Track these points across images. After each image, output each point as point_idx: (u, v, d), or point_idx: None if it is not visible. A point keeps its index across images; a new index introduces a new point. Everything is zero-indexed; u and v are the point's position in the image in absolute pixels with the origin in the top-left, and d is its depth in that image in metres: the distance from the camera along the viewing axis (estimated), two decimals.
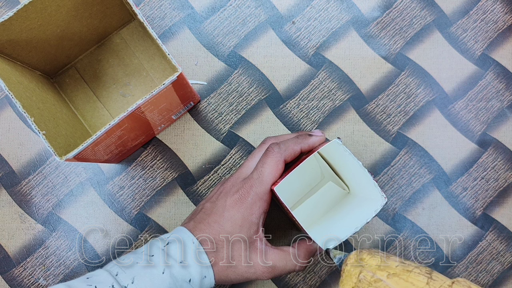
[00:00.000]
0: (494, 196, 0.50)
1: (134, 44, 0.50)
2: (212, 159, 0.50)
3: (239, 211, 0.39)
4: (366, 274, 0.32)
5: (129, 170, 0.50)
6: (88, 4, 0.42)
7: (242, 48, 0.52)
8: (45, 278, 0.49)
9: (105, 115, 0.50)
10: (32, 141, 0.51)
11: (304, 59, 0.51)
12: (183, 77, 0.39)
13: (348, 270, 0.34)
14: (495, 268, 0.49)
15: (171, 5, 0.52)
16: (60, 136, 0.39)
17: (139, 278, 0.36)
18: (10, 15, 0.36)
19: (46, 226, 0.50)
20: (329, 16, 0.52)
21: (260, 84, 0.51)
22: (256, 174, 0.40)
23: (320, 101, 0.51)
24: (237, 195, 0.40)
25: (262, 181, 0.39)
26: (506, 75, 0.51)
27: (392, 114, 0.51)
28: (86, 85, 0.50)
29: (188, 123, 0.51)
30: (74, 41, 0.46)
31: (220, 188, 0.42)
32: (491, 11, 0.52)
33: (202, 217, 0.40)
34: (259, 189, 0.39)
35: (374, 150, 0.50)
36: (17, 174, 0.50)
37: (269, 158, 0.40)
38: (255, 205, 0.39)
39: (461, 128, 0.50)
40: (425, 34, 0.52)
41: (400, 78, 0.51)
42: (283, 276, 0.49)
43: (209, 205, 0.41)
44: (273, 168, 0.40)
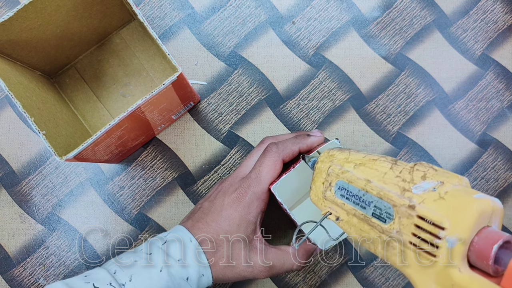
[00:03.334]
0: (494, 196, 0.50)
1: (134, 44, 0.50)
2: (212, 159, 0.50)
3: (236, 210, 0.39)
4: (335, 167, 0.33)
5: (129, 170, 0.50)
6: (88, 4, 0.42)
7: (242, 48, 0.52)
8: (45, 278, 0.49)
9: (105, 115, 0.50)
10: (32, 141, 0.51)
11: (304, 59, 0.51)
12: (183, 77, 0.39)
13: (319, 167, 0.35)
14: None
15: (171, 5, 0.52)
16: (60, 136, 0.39)
17: (137, 276, 0.36)
18: (10, 15, 0.36)
19: (46, 226, 0.50)
20: (329, 16, 0.52)
21: (260, 84, 0.51)
22: (254, 173, 0.40)
23: (320, 101, 0.51)
24: (235, 194, 0.40)
25: (260, 180, 0.40)
26: (506, 75, 0.51)
27: (392, 114, 0.51)
28: (86, 85, 0.50)
29: (188, 123, 0.51)
30: (74, 41, 0.46)
31: (218, 188, 0.42)
32: (491, 11, 0.52)
33: (200, 216, 0.41)
34: (257, 188, 0.40)
35: (374, 150, 0.50)
36: (17, 174, 0.50)
37: (267, 158, 0.40)
38: (253, 204, 0.40)
39: (461, 128, 0.50)
40: (425, 34, 0.52)
41: (400, 78, 0.51)
42: (280, 275, 0.49)
43: (207, 204, 0.41)
44: (271, 168, 0.40)
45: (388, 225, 0.28)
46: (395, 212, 0.28)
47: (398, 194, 0.28)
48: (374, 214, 0.29)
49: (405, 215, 0.27)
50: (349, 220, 0.32)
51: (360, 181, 0.30)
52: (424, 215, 0.25)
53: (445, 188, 0.26)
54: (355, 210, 0.31)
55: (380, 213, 0.29)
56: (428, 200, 0.26)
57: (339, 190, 0.33)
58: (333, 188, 0.33)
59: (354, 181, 0.31)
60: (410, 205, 0.26)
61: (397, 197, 0.27)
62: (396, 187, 0.28)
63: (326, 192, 0.34)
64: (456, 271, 0.24)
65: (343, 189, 0.32)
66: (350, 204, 0.31)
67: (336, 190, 0.33)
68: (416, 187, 0.27)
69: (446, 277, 0.24)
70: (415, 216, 0.26)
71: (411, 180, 0.28)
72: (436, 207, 0.25)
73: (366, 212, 0.30)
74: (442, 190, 0.26)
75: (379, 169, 0.30)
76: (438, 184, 0.26)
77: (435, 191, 0.26)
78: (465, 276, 0.24)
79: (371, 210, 0.30)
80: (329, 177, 0.34)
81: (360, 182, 0.30)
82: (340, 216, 0.33)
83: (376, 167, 0.30)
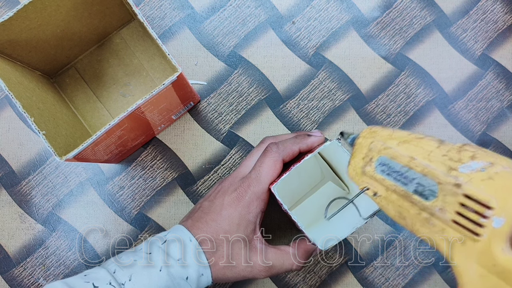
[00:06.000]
0: None
1: (134, 44, 0.50)
2: (212, 159, 0.50)
3: (236, 210, 0.39)
4: (377, 143, 0.33)
5: (129, 170, 0.50)
6: (88, 4, 0.42)
7: (242, 48, 0.52)
8: (45, 278, 0.49)
9: (105, 115, 0.50)
10: (32, 141, 0.51)
11: (304, 59, 0.51)
12: (183, 77, 0.39)
13: (359, 142, 0.35)
14: None
15: (171, 5, 0.52)
16: (60, 136, 0.39)
17: (136, 275, 0.36)
18: (10, 15, 0.36)
19: (46, 226, 0.50)
20: (329, 16, 0.52)
21: (260, 84, 0.51)
22: (254, 173, 0.40)
23: (320, 101, 0.51)
24: (235, 194, 0.40)
25: (260, 180, 0.40)
26: (506, 75, 0.51)
27: (392, 114, 0.51)
28: (86, 85, 0.50)
29: (188, 123, 0.51)
30: (74, 41, 0.46)
31: (218, 187, 0.42)
32: (491, 11, 0.52)
33: (200, 216, 0.41)
34: (257, 188, 0.40)
35: None
36: (17, 174, 0.50)
37: (267, 158, 0.40)
38: (253, 204, 0.40)
39: (461, 128, 0.50)
40: (425, 34, 0.52)
41: (400, 78, 0.51)
42: (280, 275, 0.49)
43: (207, 203, 0.41)
44: (271, 168, 0.40)
45: (431, 203, 0.28)
46: (439, 189, 0.27)
47: (444, 172, 0.27)
48: (416, 191, 0.29)
49: (450, 193, 0.27)
50: (387, 196, 0.31)
51: (404, 158, 0.30)
52: (471, 194, 0.25)
53: (495, 169, 0.25)
54: (396, 186, 0.31)
55: (422, 190, 0.29)
56: (475, 179, 0.26)
57: (380, 166, 0.32)
58: (373, 164, 0.33)
59: (397, 157, 0.31)
60: (456, 183, 0.26)
61: (442, 175, 0.27)
62: (442, 165, 0.28)
63: (365, 167, 0.33)
64: (500, 251, 0.24)
65: (385, 165, 0.32)
66: (390, 180, 0.31)
67: (376, 165, 0.32)
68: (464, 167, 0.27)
69: (488, 257, 0.24)
70: (461, 195, 0.26)
71: (458, 160, 0.27)
72: (484, 187, 0.25)
73: (408, 189, 0.30)
74: (492, 170, 0.25)
75: (425, 147, 0.30)
76: (487, 165, 0.26)
77: (484, 171, 0.26)
78: (508, 257, 0.24)
79: (413, 187, 0.29)
80: (370, 152, 0.33)
81: (403, 159, 0.30)
82: (378, 191, 0.32)
83: (422, 145, 0.30)
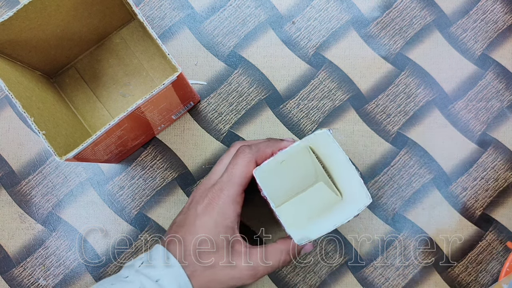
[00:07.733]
0: (494, 196, 0.50)
1: (134, 44, 0.50)
2: (212, 159, 0.50)
3: (211, 217, 0.38)
4: None
5: (129, 170, 0.50)
6: (88, 4, 0.42)
7: (242, 48, 0.52)
8: (45, 278, 0.49)
9: (105, 115, 0.50)
10: (32, 141, 0.51)
11: (304, 59, 0.51)
12: (183, 77, 0.39)
13: None
14: (495, 268, 0.49)
15: (171, 5, 0.52)
16: (60, 136, 0.39)
17: None
18: (10, 15, 0.36)
19: (46, 226, 0.50)
20: (329, 16, 0.52)
21: (260, 84, 0.51)
22: (227, 176, 0.39)
23: (320, 101, 0.51)
24: (207, 200, 0.38)
25: (234, 183, 0.38)
26: (506, 75, 0.51)
27: (392, 114, 0.51)
28: (86, 85, 0.50)
29: (188, 123, 0.51)
30: (74, 41, 0.46)
31: (189, 199, 0.41)
32: (491, 11, 0.52)
33: (175, 231, 0.39)
34: (231, 191, 0.38)
35: (374, 150, 0.50)
36: (17, 174, 0.50)
37: (240, 159, 0.39)
38: (229, 208, 0.38)
39: (461, 128, 0.50)
40: (425, 34, 0.52)
41: (400, 78, 0.51)
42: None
43: (180, 217, 0.40)
44: (245, 169, 0.38)
45: None
46: None
47: None
48: None
49: None
50: None
51: None
52: None
53: None
54: None
55: None
56: None
57: None
58: None
59: None
60: None
61: None
62: None
63: None
64: None
65: None
66: None
67: None
68: None
69: None
70: None
71: None
72: None
73: None
74: None
75: None
76: None
77: None
78: None
79: None
80: None
81: None
82: None
83: None
